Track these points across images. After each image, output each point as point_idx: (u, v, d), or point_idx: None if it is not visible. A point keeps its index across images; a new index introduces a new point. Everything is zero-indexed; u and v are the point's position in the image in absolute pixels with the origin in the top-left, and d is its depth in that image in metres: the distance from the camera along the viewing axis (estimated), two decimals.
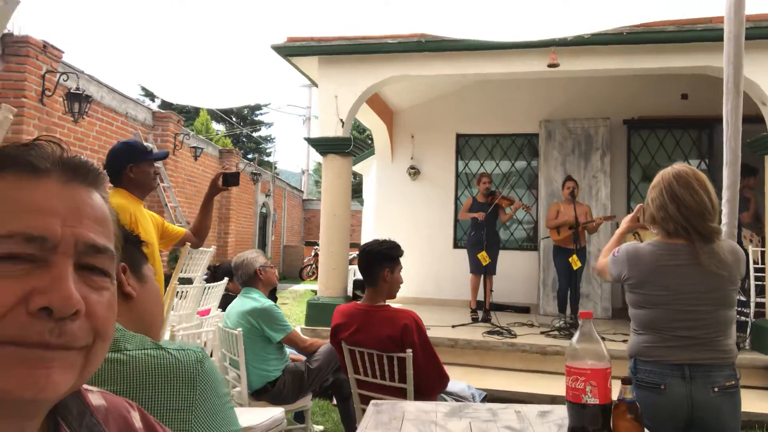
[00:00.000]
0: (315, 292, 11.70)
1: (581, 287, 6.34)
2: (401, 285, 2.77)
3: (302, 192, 24.37)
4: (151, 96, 21.35)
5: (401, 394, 2.56)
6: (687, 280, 1.86)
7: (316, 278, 16.19)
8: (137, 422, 0.65)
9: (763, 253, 5.23)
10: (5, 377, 0.48)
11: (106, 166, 2.64)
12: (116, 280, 0.59)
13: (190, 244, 3.04)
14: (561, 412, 1.76)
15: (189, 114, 23.43)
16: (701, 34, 5.22)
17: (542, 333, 5.69)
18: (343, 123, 6.10)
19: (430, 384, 2.62)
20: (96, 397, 0.62)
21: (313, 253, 17.04)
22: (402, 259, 2.74)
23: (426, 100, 8.54)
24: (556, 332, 5.62)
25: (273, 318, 3.21)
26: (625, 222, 2.34)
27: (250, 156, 23.57)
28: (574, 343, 1.45)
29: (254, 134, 28.82)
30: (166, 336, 2.94)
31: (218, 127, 25.32)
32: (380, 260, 2.67)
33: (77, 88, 6.65)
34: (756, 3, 2.70)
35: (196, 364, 0.78)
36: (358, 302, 2.78)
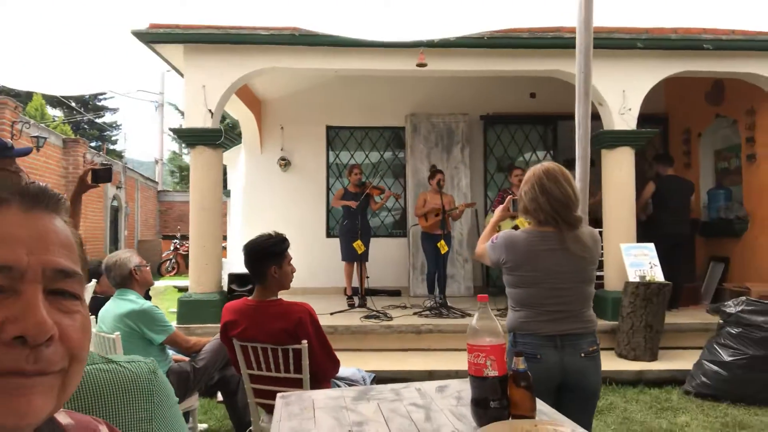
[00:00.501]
0: (178, 288, 11.20)
1: (447, 269, 6.80)
2: (294, 273, 2.79)
3: (157, 183, 22.84)
4: None
5: (296, 384, 2.61)
6: (556, 262, 2.14)
7: (176, 274, 15.46)
8: None
9: (600, 233, 6.02)
10: None
11: None
12: None
13: None
14: (457, 386, 1.94)
15: (20, 98, 20.72)
16: (551, 41, 5.84)
17: (415, 314, 6.04)
18: (212, 114, 5.88)
19: (325, 371, 2.70)
20: (62, 416, 0.62)
21: (172, 248, 16.13)
22: None
23: (295, 92, 8.50)
24: (427, 312, 6.00)
25: (153, 319, 3.05)
26: (498, 211, 2.62)
27: (93, 144, 21.52)
28: (474, 324, 1.62)
29: (98, 120, 26.31)
30: None
31: (55, 113, 22.75)
32: (265, 257, 2.65)
33: None
34: (595, 16, 3.12)
35: (151, 375, 0.78)
36: (249, 298, 2.76)
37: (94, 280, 3.56)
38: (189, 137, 5.96)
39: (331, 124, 8.61)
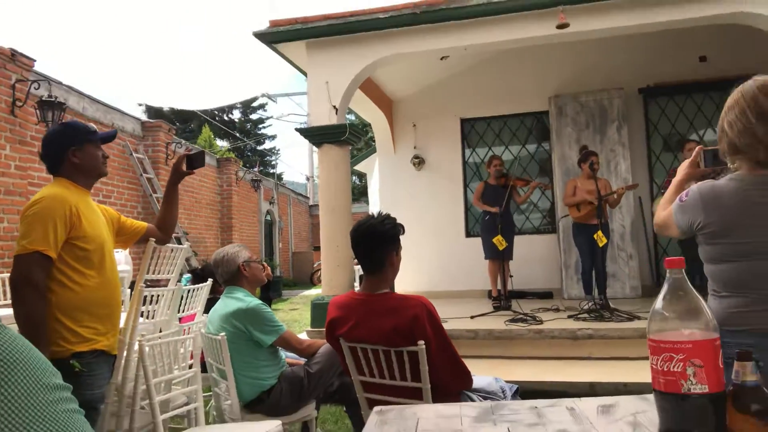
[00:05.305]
0: None
1: (607, 266, 5.83)
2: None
3: (308, 198, 24.05)
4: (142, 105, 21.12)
5: (417, 395, 2.11)
6: None
7: None
8: None
9: None
10: None
11: (43, 154, 2.22)
12: None
13: (154, 240, 2.58)
14: (630, 405, 1.29)
15: (192, 132, 23.20)
16: None
17: (570, 317, 5.20)
18: (336, 110, 5.66)
19: (449, 382, 2.17)
20: None
21: None
22: (412, 252, 2.27)
23: (425, 86, 8.08)
24: (585, 315, 5.13)
25: (261, 318, 2.74)
26: (682, 169, 1.85)
27: (257, 169, 23.39)
28: (659, 308, 0.98)
29: (258, 147, 28.62)
30: (135, 347, 2.49)
31: (222, 144, 25.09)
32: (384, 241, 2.20)
33: (49, 96, 6.25)
34: None
35: None
36: (356, 290, 2.32)
37: (210, 280, 3.39)
38: (315, 135, 5.79)
39: (465, 116, 8.04)
